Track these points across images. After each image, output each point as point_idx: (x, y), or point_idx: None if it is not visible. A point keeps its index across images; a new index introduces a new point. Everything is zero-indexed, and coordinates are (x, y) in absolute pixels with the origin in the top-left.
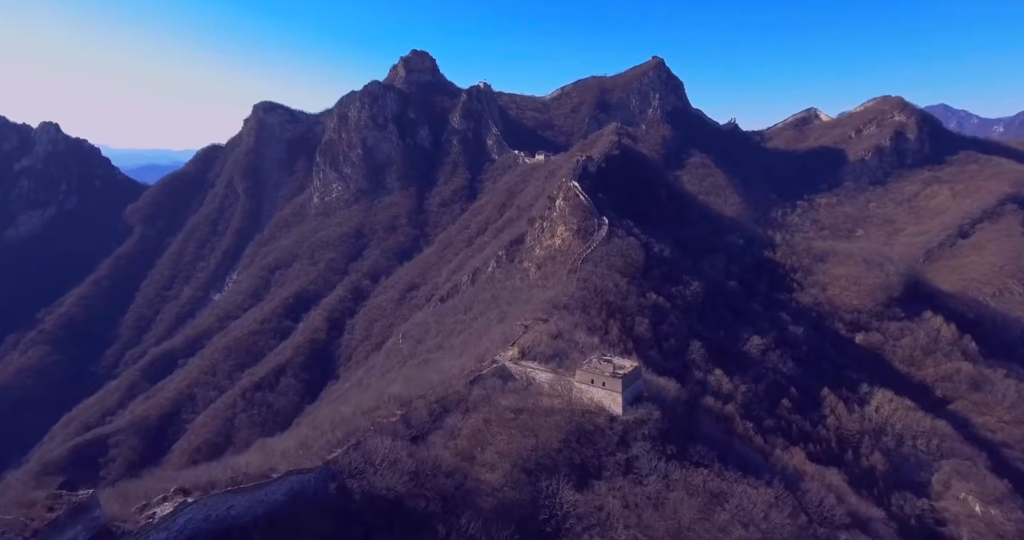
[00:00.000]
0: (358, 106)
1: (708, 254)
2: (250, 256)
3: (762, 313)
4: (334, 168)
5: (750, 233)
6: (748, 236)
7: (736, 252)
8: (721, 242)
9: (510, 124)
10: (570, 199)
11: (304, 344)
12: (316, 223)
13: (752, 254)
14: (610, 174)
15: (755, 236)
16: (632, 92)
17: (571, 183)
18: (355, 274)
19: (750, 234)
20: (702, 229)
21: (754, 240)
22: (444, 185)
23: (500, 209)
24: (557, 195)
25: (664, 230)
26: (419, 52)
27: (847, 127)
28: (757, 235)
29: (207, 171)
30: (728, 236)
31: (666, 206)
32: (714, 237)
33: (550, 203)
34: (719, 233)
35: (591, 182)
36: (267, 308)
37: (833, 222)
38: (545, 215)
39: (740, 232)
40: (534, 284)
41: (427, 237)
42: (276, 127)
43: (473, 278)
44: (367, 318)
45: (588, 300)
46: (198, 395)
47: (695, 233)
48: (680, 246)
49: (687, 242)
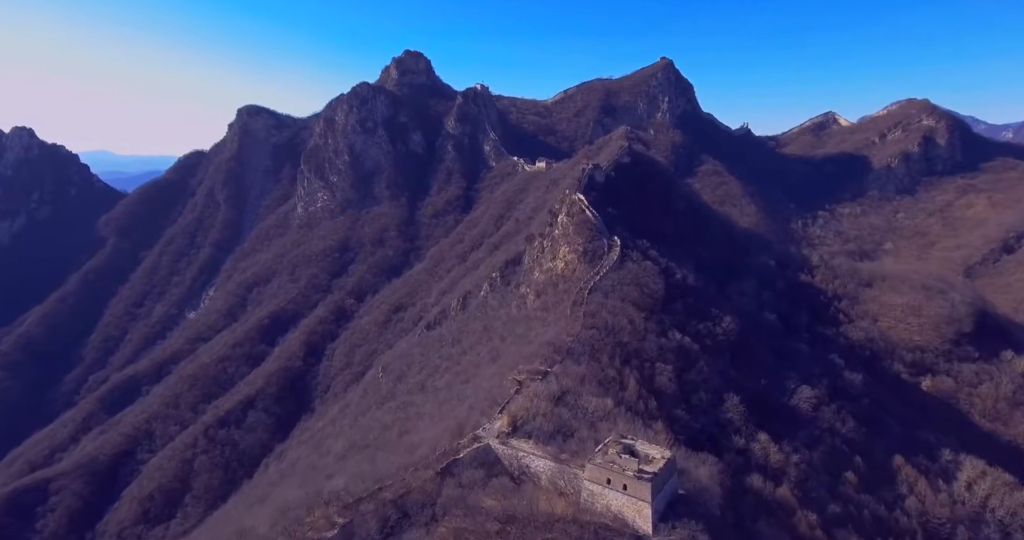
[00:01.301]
0: (345, 109)
1: (736, 279)
2: (228, 271)
3: (808, 354)
4: (319, 176)
5: (782, 252)
6: (780, 255)
7: (768, 276)
8: (750, 264)
9: (510, 129)
10: (574, 215)
11: (277, 373)
12: (299, 235)
13: (786, 278)
14: (620, 184)
15: (788, 255)
16: (639, 95)
17: (575, 196)
18: (338, 292)
19: (782, 253)
20: (726, 248)
21: (787, 260)
22: (437, 194)
23: (497, 221)
24: (559, 210)
25: (683, 250)
26: (412, 52)
27: (870, 132)
28: (790, 254)
29: (189, 178)
30: (757, 256)
31: (684, 221)
32: (741, 257)
33: (551, 219)
34: (746, 252)
35: (598, 194)
36: (240, 330)
37: (858, 234)
38: (546, 233)
39: (769, 250)
40: (532, 315)
41: (418, 251)
42: (261, 132)
43: (463, 303)
44: (349, 343)
45: (598, 342)
46: (157, 431)
47: (719, 253)
48: (703, 269)
49: (710, 264)
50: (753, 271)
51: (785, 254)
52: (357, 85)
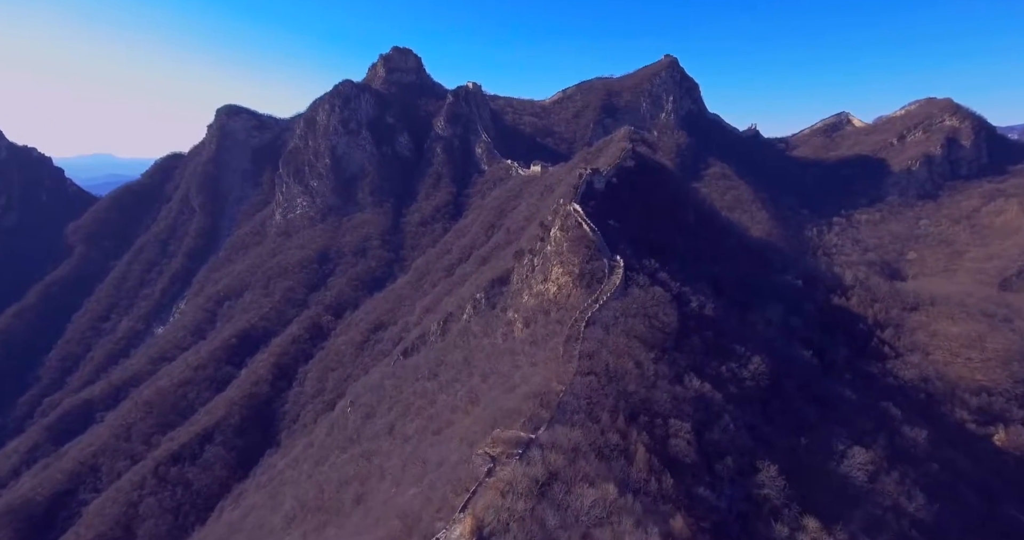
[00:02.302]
0: (327, 109)
1: (758, 302)
2: (201, 283)
3: (855, 402)
4: (299, 180)
5: (809, 268)
6: (807, 273)
7: (795, 298)
8: (773, 283)
9: (504, 130)
10: (569, 229)
11: (241, 400)
12: (276, 244)
13: (816, 301)
14: (622, 192)
15: (816, 273)
16: (642, 94)
17: (571, 206)
18: (315, 307)
19: (809, 270)
20: (745, 264)
21: (815, 278)
22: (424, 200)
23: (488, 231)
24: (552, 222)
25: (697, 268)
26: (401, 49)
27: (887, 133)
28: (818, 271)
29: (165, 183)
30: (781, 274)
31: (696, 234)
32: (763, 276)
33: (543, 232)
34: (768, 269)
35: (598, 203)
36: (204, 351)
37: (879, 243)
38: (536, 249)
39: (794, 266)
40: (519, 348)
41: (402, 263)
42: (241, 134)
43: (443, 327)
44: (322, 366)
45: (596, 392)
46: (103, 467)
47: (737, 271)
48: (720, 292)
49: (728, 285)
50: (777, 292)
51: (813, 271)
52: (340, 83)
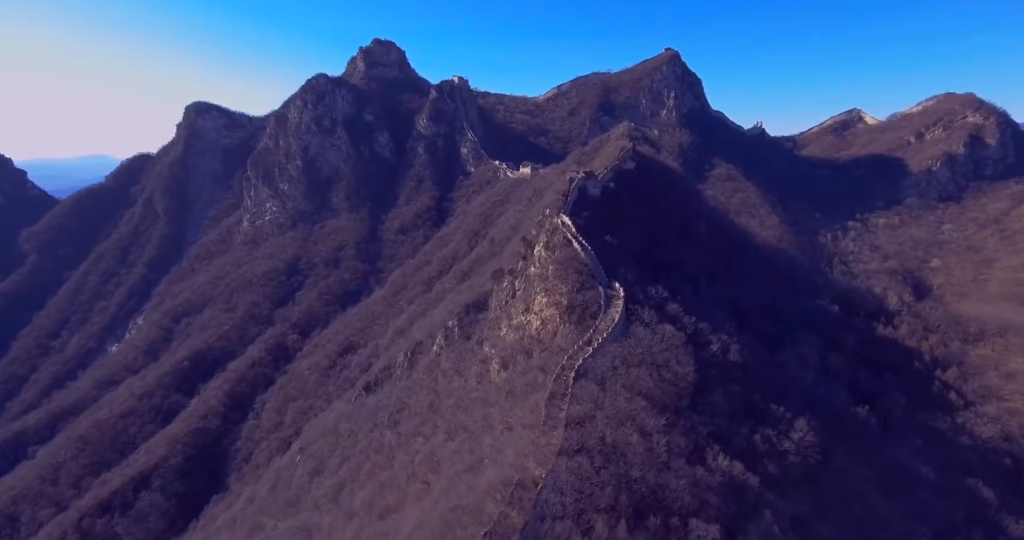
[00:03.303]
0: (298, 106)
1: (788, 334)
2: (161, 295)
3: (932, 479)
4: (268, 184)
5: (842, 288)
6: (841, 294)
7: (831, 328)
8: (804, 309)
9: (495, 129)
10: (557, 248)
11: (187, 436)
12: (242, 254)
13: (856, 330)
14: (622, 200)
15: (851, 294)
16: (642, 90)
17: (558, 219)
18: (281, 325)
19: (843, 290)
20: (769, 284)
21: (852, 302)
22: (405, 205)
23: (471, 240)
24: (536, 238)
25: (712, 292)
26: (383, 42)
27: (903, 131)
28: (854, 292)
29: (131, 185)
30: (811, 297)
31: (709, 248)
32: (790, 299)
33: (525, 250)
34: (795, 290)
35: (592, 215)
36: (151, 376)
37: (898, 249)
38: (518, 270)
39: (825, 286)
40: (494, 398)
41: (379, 274)
42: (211, 133)
43: (411, 359)
44: (283, 394)
45: (588, 481)
46: (23, 516)
47: (759, 294)
48: (743, 324)
49: (751, 314)
50: (810, 321)
51: (849, 293)
52: (313, 77)
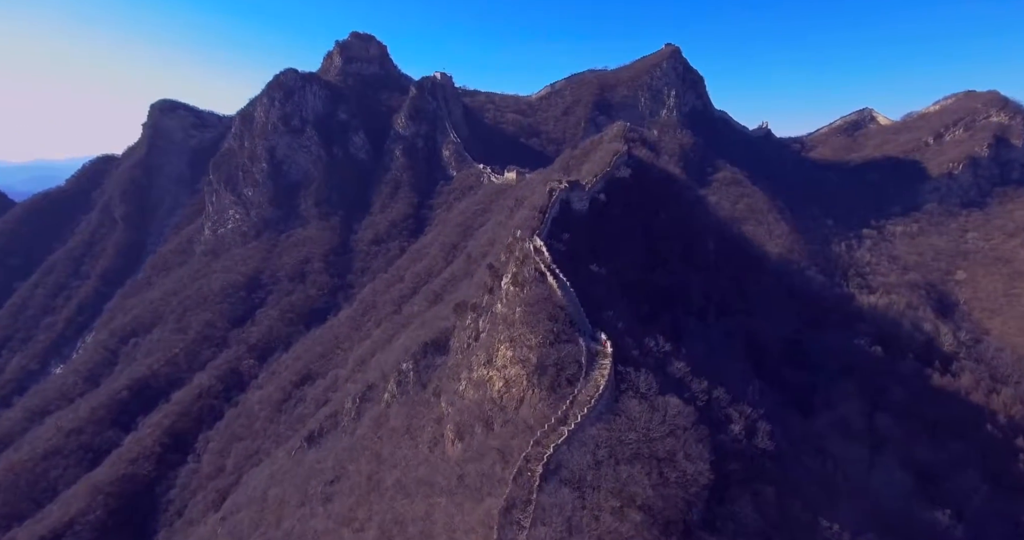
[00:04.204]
0: (265, 104)
1: (821, 383)
2: (113, 312)
3: None
4: (231, 188)
5: (881, 321)
6: (882, 329)
7: (874, 374)
8: (836, 348)
9: (482, 129)
10: (527, 283)
11: (112, 484)
12: (201, 265)
13: (904, 379)
14: (614, 214)
15: (892, 328)
16: (641, 89)
17: (530, 243)
18: (236, 347)
19: (882, 323)
20: (789, 313)
21: (895, 338)
22: (380, 213)
23: (449, 253)
24: (505, 267)
25: (723, 326)
26: (362, 35)
27: (920, 131)
28: (895, 326)
29: (93, 190)
30: (844, 330)
31: (719, 270)
32: (816, 334)
33: (492, 280)
34: (821, 321)
35: (577, 235)
36: (84, 408)
37: (919, 260)
38: (483, 305)
39: (857, 315)
40: (443, 484)
41: (348, 290)
42: (178, 133)
43: (360, 405)
44: (229, 433)
45: None
46: None
47: (780, 326)
48: (759, 364)
49: (770, 352)
50: (846, 363)
51: (889, 327)
52: (281, 72)
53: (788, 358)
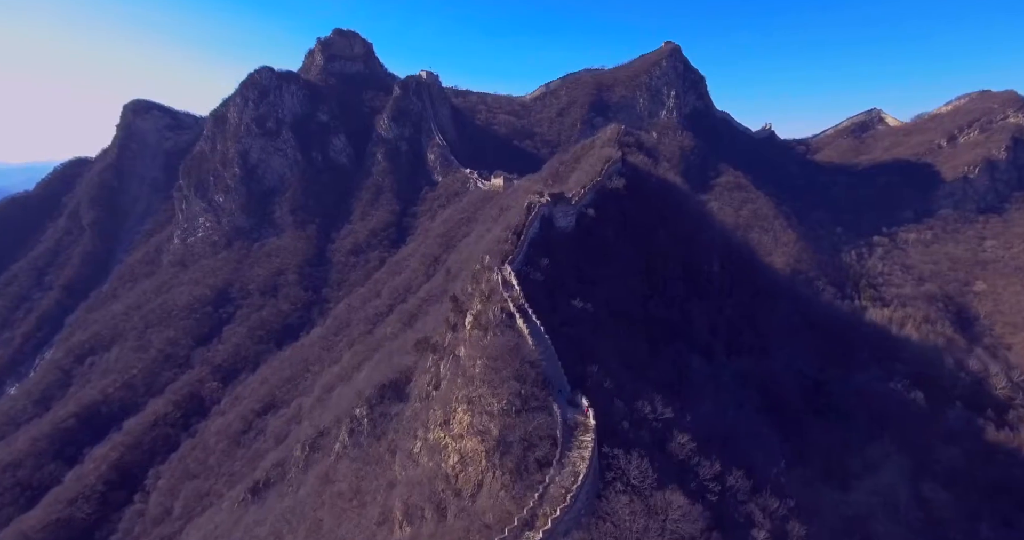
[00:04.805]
0: (238, 104)
1: (854, 437)
2: (74, 326)
3: None
4: (201, 195)
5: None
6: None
7: (915, 428)
8: (868, 393)
9: (473, 131)
10: (492, 325)
11: (44, 530)
12: (168, 277)
13: (954, 435)
14: (604, 232)
15: (933, 366)
16: (639, 88)
17: (499, 274)
18: (200, 368)
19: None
20: (807, 346)
21: (936, 381)
22: (359, 221)
23: (430, 266)
24: (470, 301)
25: (733, 368)
26: (345, 32)
27: (932, 133)
28: (934, 362)
29: (64, 194)
30: (875, 367)
31: (726, 295)
32: (842, 374)
33: (455, 316)
34: (846, 357)
35: (558, 261)
36: (25, 439)
37: (935, 269)
38: (445, 345)
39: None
40: None
41: (324, 305)
42: (151, 135)
43: (308, 456)
44: (181, 469)
45: None
46: None
47: (800, 364)
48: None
49: (790, 402)
50: (878, 411)
51: (931, 366)
52: (255, 71)
53: (813, 407)
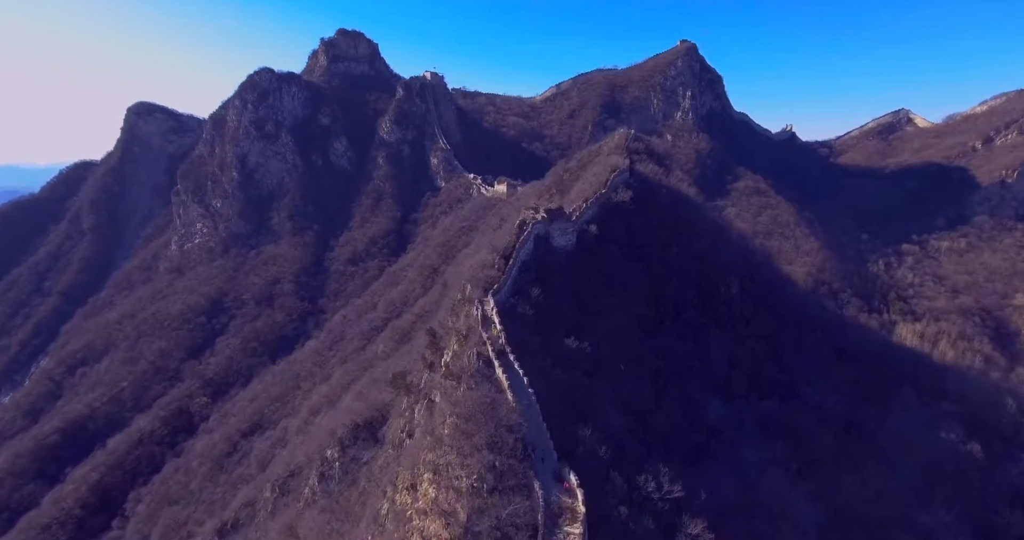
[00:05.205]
0: (237, 107)
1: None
2: (69, 334)
3: None
4: (199, 200)
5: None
6: (974, 406)
7: (975, 488)
8: (915, 439)
9: (480, 134)
10: (466, 374)
11: None
12: (164, 284)
13: (1015, 491)
14: (609, 251)
15: (987, 403)
16: (653, 89)
17: (479, 311)
18: (191, 382)
19: (970, 395)
20: (841, 384)
21: (995, 422)
22: (359, 228)
23: (429, 278)
24: (445, 341)
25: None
26: (349, 33)
27: (965, 135)
28: (993, 398)
29: (69, 197)
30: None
31: (745, 322)
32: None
33: (432, 354)
34: (889, 397)
35: (552, 290)
36: (4, 456)
37: (970, 281)
38: (421, 386)
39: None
40: None
41: (320, 316)
42: (155, 138)
43: (277, 498)
44: (162, 493)
45: None
46: None
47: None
48: (808, 470)
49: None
50: (927, 463)
51: (987, 408)
52: (255, 72)
53: (850, 458)
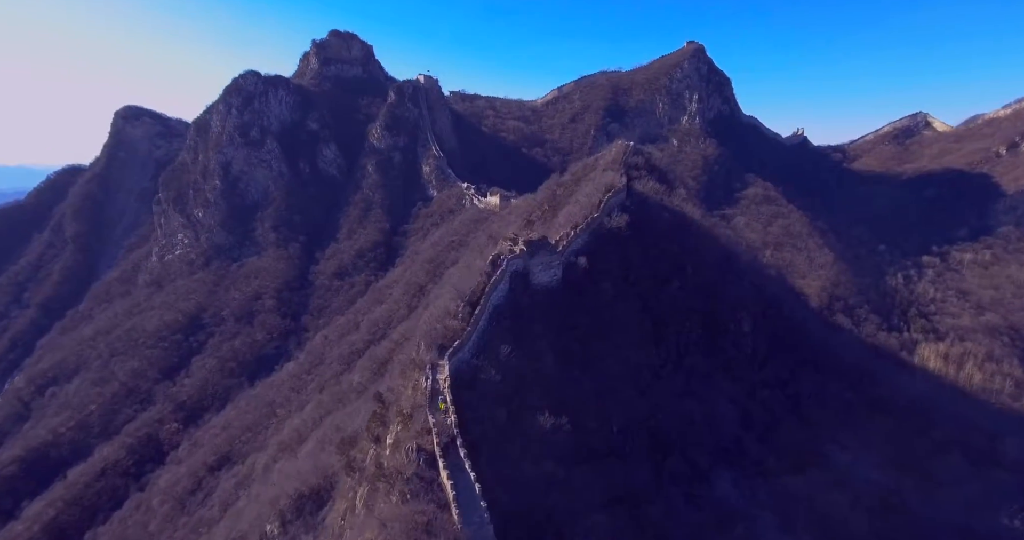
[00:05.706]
0: (220, 112)
1: None
2: (43, 350)
3: None
4: (180, 209)
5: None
6: None
7: None
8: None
9: (477, 139)
10: (402, 474)
11: None
12: (142, 298)
13: None
14: (601, 288)
15: None
16: (659, 92)
17: (428, 381)
18: (162, 405)
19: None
20: (876, 446)
21: None
22: (346, 240)
23: (415, 296)
24: (390, 413)
25: (777, 489)
26: (342, 34)
27: (988, 140)
28: None
29: (55, 204)
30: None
31: (760, 367)
32: (929, 488)
33: (377, 427)
34: (933, 466)
35: (528, 339)
36: None
37: (996, 296)
38: (366, 463)
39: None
40: None
41: (302, 334)
42: (142, 143)
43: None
44: (120, 533)
45: None
46: None
47: (869, 477)
48: None
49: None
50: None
51: None
52: (240, 75)
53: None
